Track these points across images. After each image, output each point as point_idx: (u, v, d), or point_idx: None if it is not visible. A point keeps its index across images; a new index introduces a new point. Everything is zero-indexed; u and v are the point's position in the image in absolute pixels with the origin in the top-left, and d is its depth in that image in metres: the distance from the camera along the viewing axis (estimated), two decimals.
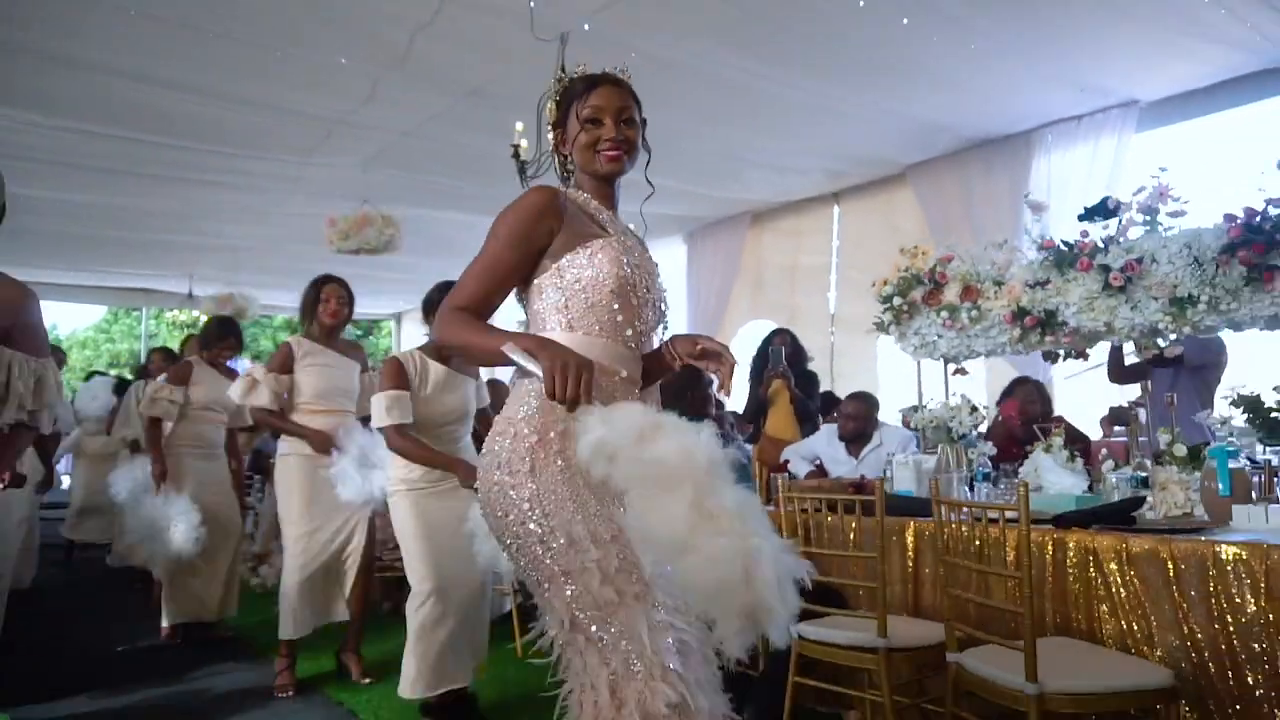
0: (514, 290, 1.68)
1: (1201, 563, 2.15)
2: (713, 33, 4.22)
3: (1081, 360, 3.21)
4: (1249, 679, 2.04)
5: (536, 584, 1.49)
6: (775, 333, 5.07)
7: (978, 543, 2.29)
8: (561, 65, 3.99)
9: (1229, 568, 2.10)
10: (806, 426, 4.56)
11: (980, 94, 5.18)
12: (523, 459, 1.50)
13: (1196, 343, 3.17)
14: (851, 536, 2.78)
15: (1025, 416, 3.63)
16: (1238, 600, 2.08)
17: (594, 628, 1.40)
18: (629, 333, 1.63)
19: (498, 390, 3.77)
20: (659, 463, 1.28)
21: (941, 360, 3.44)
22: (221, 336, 4.40)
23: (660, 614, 1.42)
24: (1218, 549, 2.13)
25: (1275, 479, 2.45)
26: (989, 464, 3.12)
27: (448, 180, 6.18)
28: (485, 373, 3.84)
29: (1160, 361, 2.90)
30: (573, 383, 1.35)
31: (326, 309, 3.57)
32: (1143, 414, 2.75)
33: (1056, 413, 4.33)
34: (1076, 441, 3.18)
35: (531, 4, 3.76)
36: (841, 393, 5.39)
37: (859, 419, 4.01)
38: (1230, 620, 2.09)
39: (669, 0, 3.86)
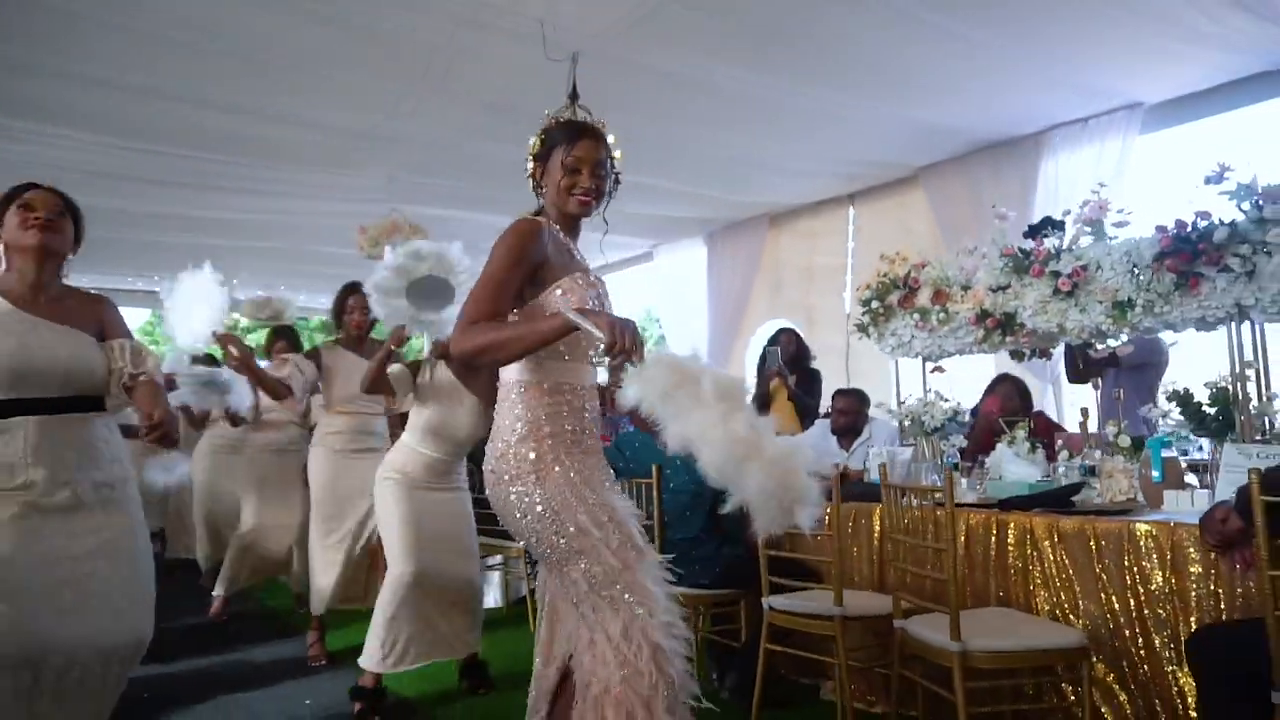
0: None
1: (1119, 540, 2.40)
2: (722, 48, 4.42)
3: (1045, 359, 3.44)
4: (1155, 641, 2.30)
5: (557, 565, 1.86)
6: (780, 332, 5.35)
7: (924, 524, 2.57)
8: (573, 84, 4.31)
9: (1141, 544, 2.36)
10: (807, 421, 4.84)
11: (986, 98, 5.31)
12: (528, 474, 1.84)
13: (1139, 344, 3.39)
14: (825, 520, 3.08)
15: (1004, 411, 3.86)
16: (1148, 572, 2.34)
17: (605, 590, 1.80)
18: (591, 352, 1.95)
19: None
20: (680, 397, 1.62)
21: (920, 359, 3.70)
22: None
23: (653, 571, 1.85)
24: (1134, 527, 2.39)
25: (1206, 469, 2.68)
26: (958, 455, 3.38)
27: (469, 187, 6.48)
28: None
29: (1109, 361, 3.11)
30: (630, 338, 1.64)
31: (352, 319, 3.92)
32: (1093, 410, 2.99)
33: (1046, 408, 4.55)
34: (1050, 434, 3.43)
35: (543, 27, 4.05)
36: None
37: (849, 414, 4.29)
38: (1141, 590, 2.35)
39: (675, 18, 4.05)
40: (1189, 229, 2.66)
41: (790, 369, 5.13)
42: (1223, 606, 2.18)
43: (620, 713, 1.72)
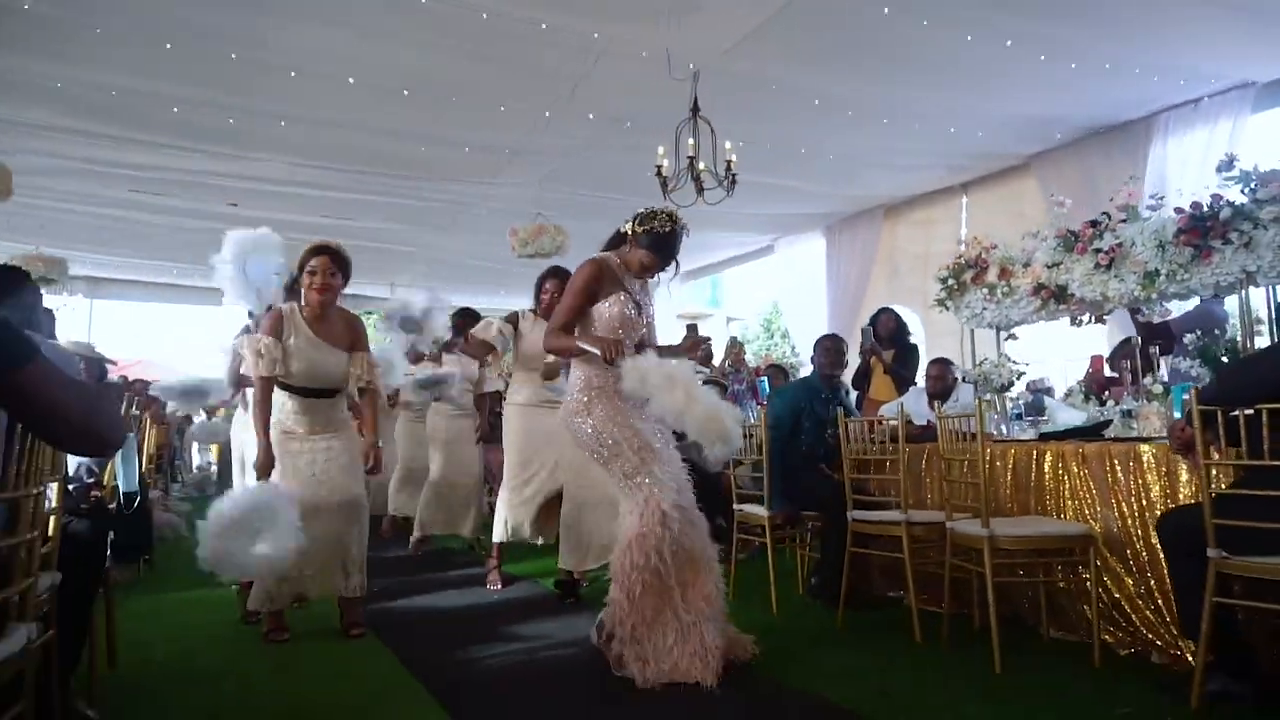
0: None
1: (1127, 460, 3.02)
2: (829, 60, 5.04)
3: (1101, 324, 3.98)
4: (1151, 539, 2.91)
5: (603, 465, 2.96)
6: (880, 312, 6.02)
7: (968, 450, 3.26)
8: (695, 99, 5.09)
9: (1144, 462, 2.97)
10: (903, 389, 5.49)
11: (1093, 89, 5.65)
12: (583, 410, 2.97)
13: (1192, 317, 3.87)
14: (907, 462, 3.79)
15: (1102, 368, 4.40)
16: (1149, 483, 2.95)
17: (632, 478, 2.88)
18: (627, 342, 2.96)
19: None
20: (663, 379, 2.72)
21: (995, 329, 4.32)
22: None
23: (666, 468, 2.90)
24: (1139, 449, 3.01)
25: None
26: (1021, 408, 4.01)
27: (605, 194, 7.31)
28: None
29: (1164, 332, 3.61)
30: (614, 352, 2.79)
31: (545, 298, 4.43)
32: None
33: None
34: (1105, 384, 3.99)
35: (667, 52, 4.79)
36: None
37: (939, 379, 4.92)
38: (1144, 499, 2.96)
39: (784, 38, 4.66)
40: (1203, 210, 3.22)
41: (891, 345, 5.79)
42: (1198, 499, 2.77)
43: (641, 553, 2.75)
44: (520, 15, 4.33)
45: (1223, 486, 2.51)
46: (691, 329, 7.68)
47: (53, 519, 2.03)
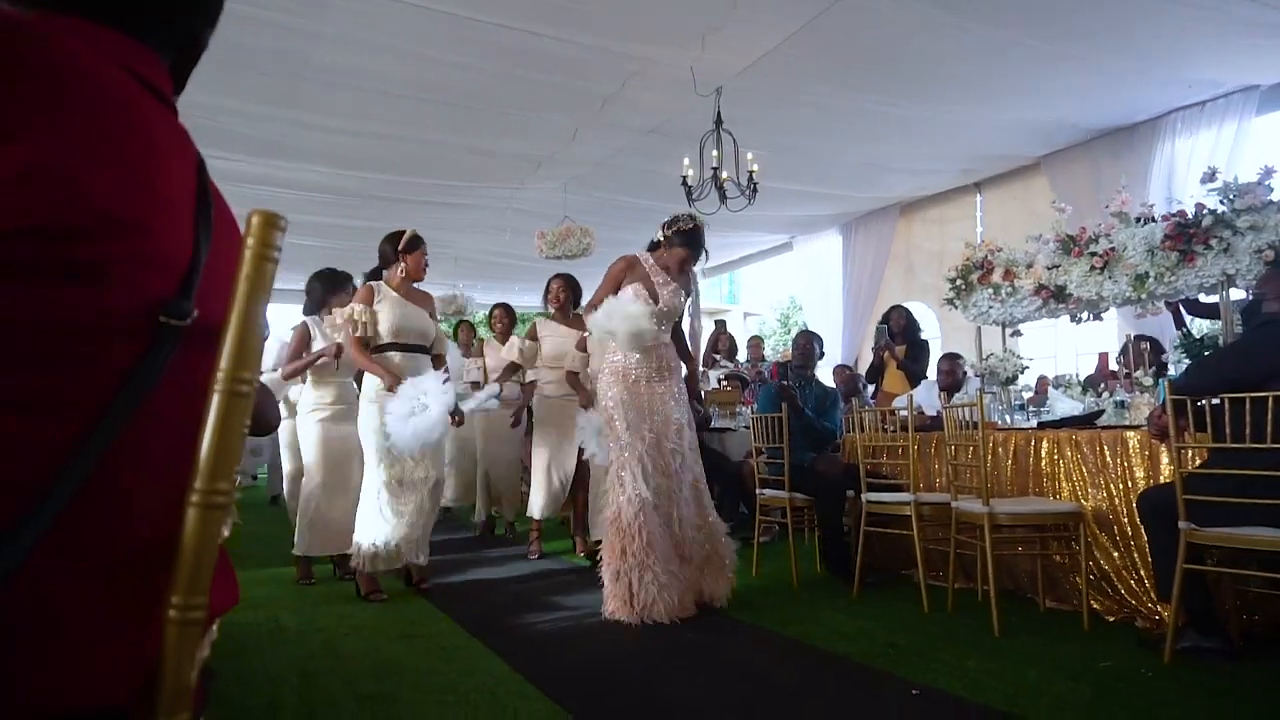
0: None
1: (1115, 445, 3.35)
2: (845, 76, 5.35)
3: (1098, 321, 4.29)
4: (1135, 516, 3.23)
5: (610, 438, 3.63)
6: (891, 310, 6.35)
7: (971, 436, 3.60)
8: (718, 113, 5.42)
9: (1130, 447, 3.30)
10: (915, 383, 5.82)
11: (1101, 94, 5.91)
12: (609, 388, 3.63)
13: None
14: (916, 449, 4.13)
15: (1108, 365, 4.71)
16: (1134, 466, 3.28)
17: (619, 457, 3.55)
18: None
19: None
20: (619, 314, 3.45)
21: (1001, 326, 4.63)
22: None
23: (650, 450, 3.53)
24: (1126, 435, 3.33)
25: None
26: (1023, 399, 4.33)
27: (630, 199, 7.66)
28: None
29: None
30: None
31: (555, 297, 5.18)
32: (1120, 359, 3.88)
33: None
34: (1110, 379, 4.31)
35: (692, 71, 5.10)
36: None
37: (950, 373, 5.25)
38: (1129, 480, 3.28)
39: (800, 57, 4.97)
40: (1187, 218, 3.53)
41: (903, 340, 6.11)
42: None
43: (615, 530, 3.44)
44: (556, 36, 4.67)
45: (1193, 467, 2.84)
46: (720, 324, 8.03)
47: None
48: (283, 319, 6.67)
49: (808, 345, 4.91)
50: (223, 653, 3.01)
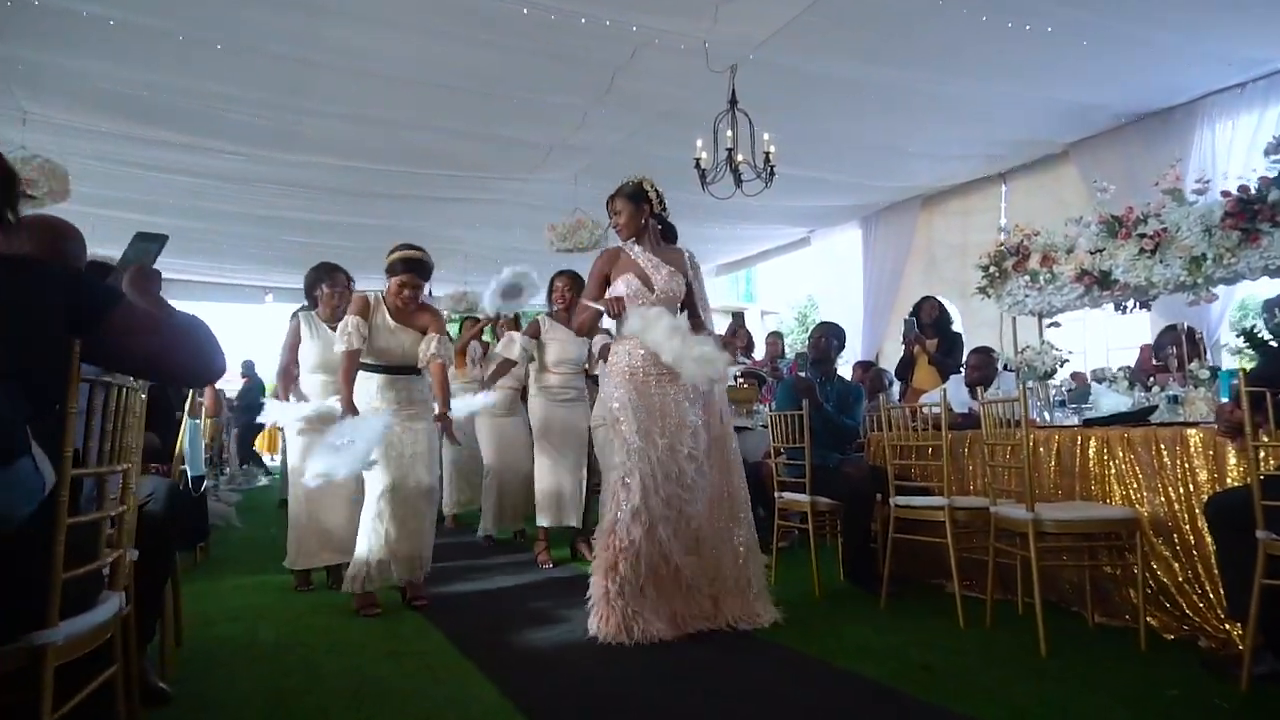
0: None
1: (1173, 444, 3.01)
2: (865, 52, 5.04)
3: (1145, 310, 3.95)
4: (1199, 523, 2.90)
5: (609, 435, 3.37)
6: (922, 301, 6.01)
7: (1011, 435, 3.27)
8: (733, 91, 5.13)
9: (1191, 447, 2.96)
10: (946, 377, 5.49)
11: (1134, 76, 5.60)
12: (615, 388, 3.33)
13: None
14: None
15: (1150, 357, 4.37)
16: (1196, 468, 2.94)
17: (618, 461, 3.22)
18: (640, 303, 3.37)
19: None
20: (654, 320, 3.22)
21: (1036, 316, 4.30)
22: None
23: (663, 456, 3.21)
24: (1186, 434, 2.99)
25: None
26: (1064, 394, 3.99)
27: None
28: None
29: None
30: (617, 308, 3.29)
31: (560, 296, 4.88)
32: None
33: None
34: (1153, 369, 3.97)
35: (705, 44, 4.82)
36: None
37: (980, 368, 4.92)
38: (1191, 483, 2.95)
39: (820, 30, 4.69)
40: (1250, 193, 3.19)
41: (935, 333, 5.78)
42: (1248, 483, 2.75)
43: (609, 544, 3.14)
44: (558, 7, 4.39)
45: (1271, 467, 2.51)
46: (738, 317, 7.72)
47: (131, 498, 2.14)
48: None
49: (822, 339, 4.57)
50: (187, 672, 2.75)
